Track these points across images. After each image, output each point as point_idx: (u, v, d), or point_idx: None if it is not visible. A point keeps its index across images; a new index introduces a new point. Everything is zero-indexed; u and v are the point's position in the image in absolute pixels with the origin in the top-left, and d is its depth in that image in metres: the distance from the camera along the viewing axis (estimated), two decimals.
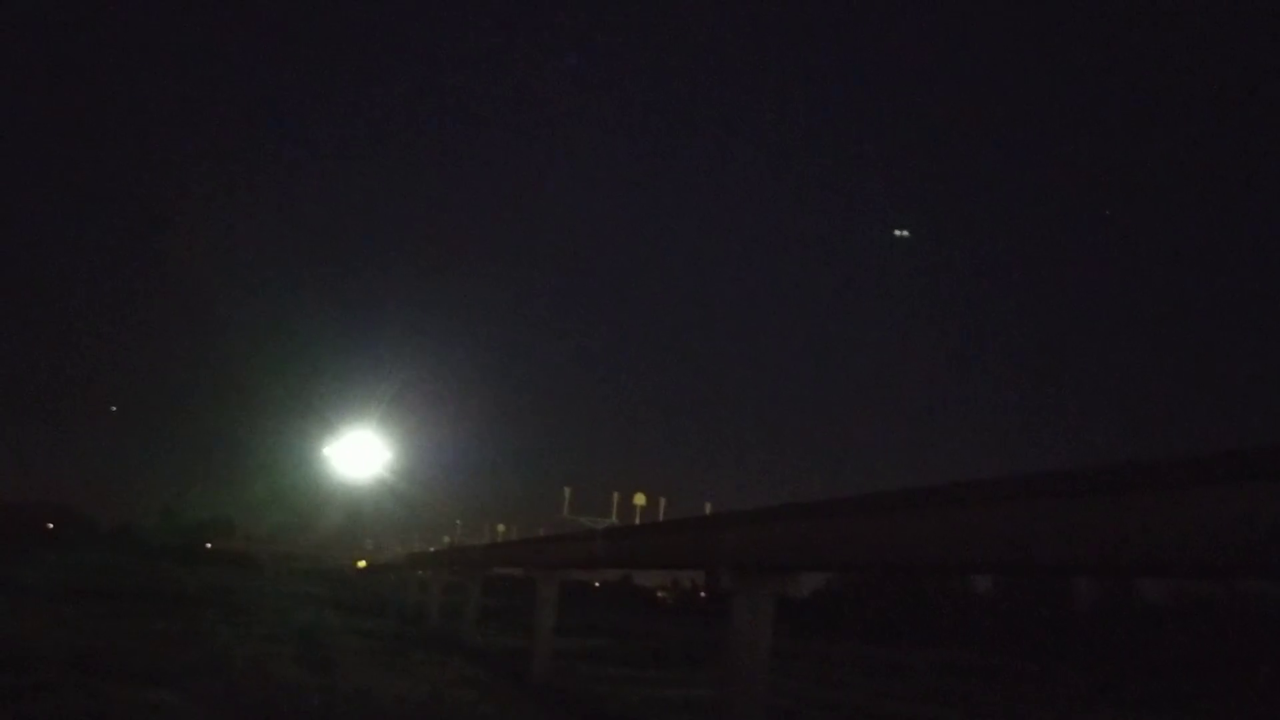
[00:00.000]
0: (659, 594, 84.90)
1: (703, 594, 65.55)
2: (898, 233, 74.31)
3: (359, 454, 37.91)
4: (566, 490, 20.59)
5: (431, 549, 45.80)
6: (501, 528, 32.21)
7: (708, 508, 15.81)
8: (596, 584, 79.23)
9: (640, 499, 18.52)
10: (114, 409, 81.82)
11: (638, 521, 18.36)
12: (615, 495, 19.28)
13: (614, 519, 19.12)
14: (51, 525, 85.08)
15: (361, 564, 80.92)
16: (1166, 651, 37.69)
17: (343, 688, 16.45)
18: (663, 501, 18.54)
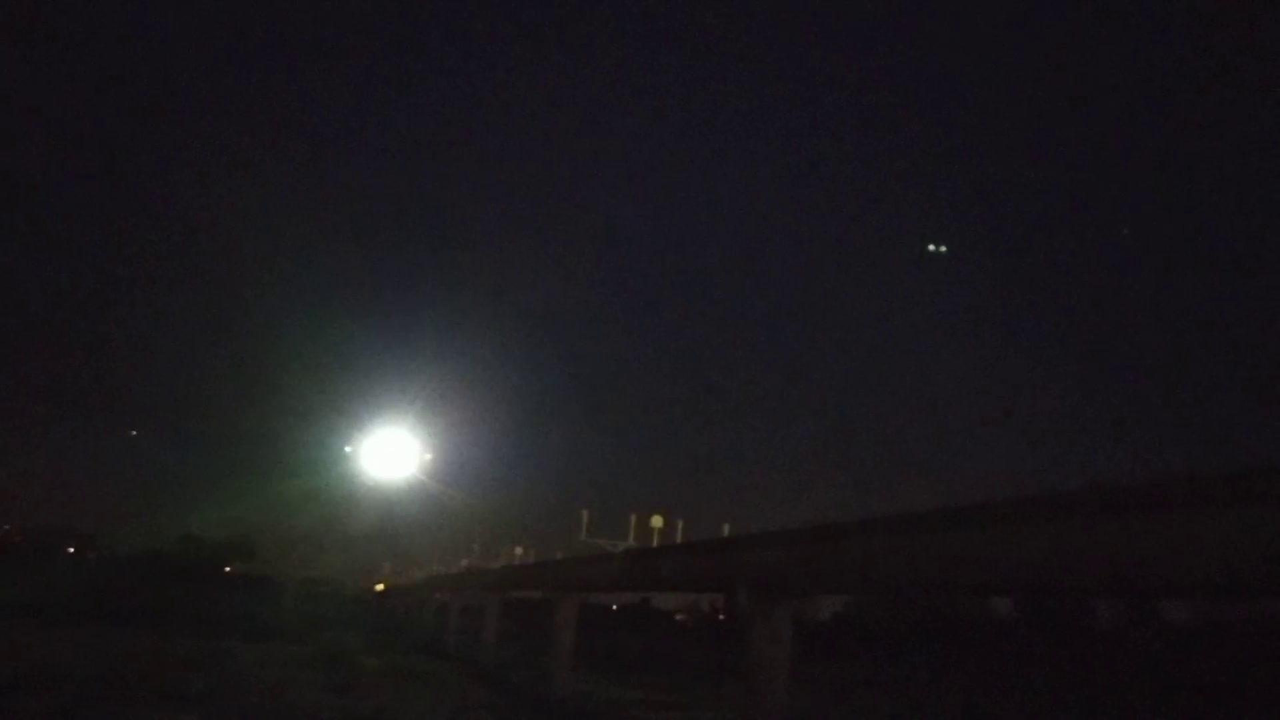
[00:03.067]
0: (678, 617, 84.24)
1: (721, 617, 65.06)
2: (932, 247, 72.44)
3: (391, 454, 37.40)
4: (584, 512, 20.54)
5: (450, 571, 45.78)
6: (519, 550, 32.12)
7: (726, 529, 15.73)
8: (614, 607, 78.75)
9: (658, 521, 18.44)
10: (134, 433, 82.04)
11: (655, 543, 18.27)
12: (633, 517, 19.21)
13: (632, 541, 19.04)
14: (72, 550, 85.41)
15: (380, 587, 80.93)
16: (1190, 675, 37.11)
17: (362, 711, 16.45)
18: (680, 523, 18.47)
